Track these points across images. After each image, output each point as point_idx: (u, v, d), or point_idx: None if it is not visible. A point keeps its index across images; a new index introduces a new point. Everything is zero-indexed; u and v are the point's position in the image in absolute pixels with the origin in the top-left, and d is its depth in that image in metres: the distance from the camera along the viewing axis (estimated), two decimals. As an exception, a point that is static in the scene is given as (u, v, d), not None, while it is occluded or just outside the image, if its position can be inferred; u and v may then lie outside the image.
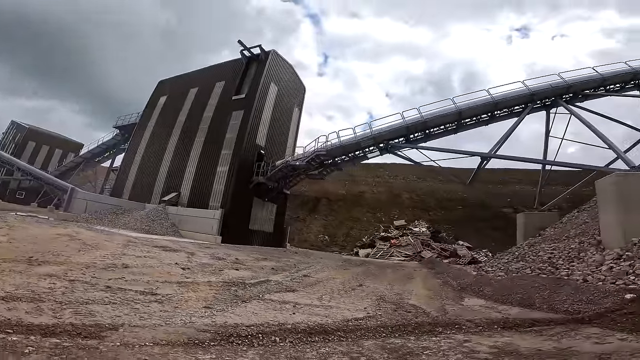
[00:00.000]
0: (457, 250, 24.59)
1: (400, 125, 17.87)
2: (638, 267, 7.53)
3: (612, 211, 10.15)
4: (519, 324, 5.59)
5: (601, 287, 7.18)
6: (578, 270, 8.87)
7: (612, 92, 16.53)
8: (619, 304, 5.91)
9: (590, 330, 5.20)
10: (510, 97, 16.65)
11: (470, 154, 15.81)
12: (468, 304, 7.73)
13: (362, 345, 4.04)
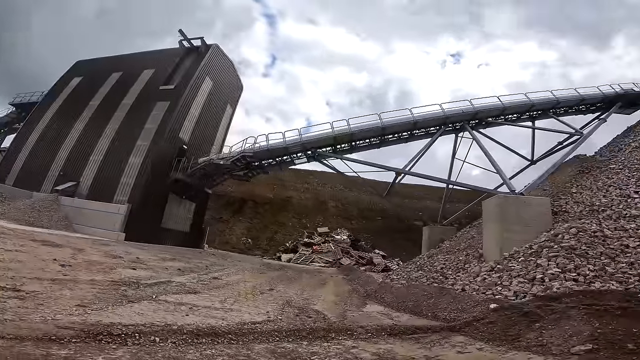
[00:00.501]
0: (373, 259, 25.95)
1: (329, 135, 18.35)
2: (505, 278, 8.71)
3: (492, 228, 11.72)
4: (403, 331, 6.03)
5: (474, 296, 8.12)
6: (460, 280, 9.97)
7: (509, 121, 18.99)
8: (484, 313, 6.53)
9: (458, 338, 5.71)
10: (427, 118, 18.24)
11: (387, 168, 16.93)
12: (368, 311, 8.24)
13: (252, 348, 4.04)
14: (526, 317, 5.84)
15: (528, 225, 10.93)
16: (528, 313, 5.90)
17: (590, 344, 4.31)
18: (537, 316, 5.77)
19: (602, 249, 8.47)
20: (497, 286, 8.53)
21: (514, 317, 5.98)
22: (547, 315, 5.65)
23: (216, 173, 19.48)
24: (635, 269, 7.54)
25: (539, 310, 5.91)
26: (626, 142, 15.43)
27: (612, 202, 11.14)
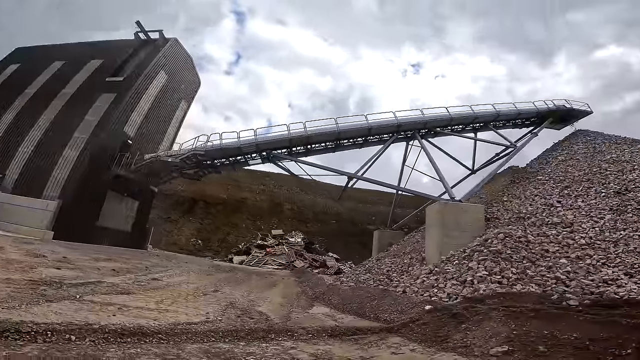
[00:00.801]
0: (326, 261, 26.15)
1: (284, 137, 18.22)
2: (441, 281, 9.23)
3: (433, 233, 12.39)
4: (344, 332, 6.14)
5: (413, 298, 8.49)
6: (402, 282, 10.40)
7: (455, 132, 20.21)
8: (420, 315, 6.83)
9: (395, 339, 5.92)
10: (381, 125, 18.81)
11: (340, 172, 17.22)
12: (314, 312, 8.30)
13: (183, 348, 3.99)
14: (454, 319, 6.19)
15: (464, 231, 11.70)
16: (456, 314, 6.27)
17: (507, 345, 4.64)
18: (464, 317, 6.15)
19: (525, 253, 9.29)
20: (434, 288, 9.01)
21: (444, 319, 6.32)
22: (472, 317, 6.03)
23: (163, 170, 18.45)
24: (553, 272, 8.36)
25: (465, 312, 6.30)
26: (553, 156, 17.16)
27: (537, 210, 12.29)
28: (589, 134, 18.10)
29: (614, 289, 7.51)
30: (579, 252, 9.41)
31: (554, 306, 5.52)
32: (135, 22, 21.69)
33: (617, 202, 11.09)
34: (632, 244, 9.21)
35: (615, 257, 8.84)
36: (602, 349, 4.01)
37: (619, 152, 14.65)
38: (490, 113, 19.34)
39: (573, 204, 12.00)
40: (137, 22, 21.71)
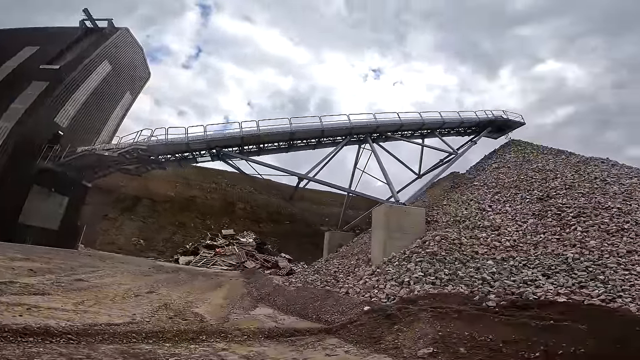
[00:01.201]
0: (278, 262, 25.90)
1: (236, 135, 17.75)
2: (382, 281, 9.53)
3: (378, 234, 12.81)
4: (282, 333, 6.12)
5: (355, 299, 8.66)
6: (347, 283, 10.59)
7: (405, 137, 21.08)
8: (358, 316, 7.00)
9: (332, 340, 6.03)
10: (335, 127, 19.10)
11: (291, 173, 17.20)
12: (255, 313, 8.22)
13: (96, 349, 3.89)
14: (389, 320, 6.41)
15: (407, 233, 12.24)
16: (390, 315, 6.49)
17: (432, 347, 4.88)
18: (397, 318, 6.38)
19: (457, 255, 9.93)
20: (374, 289, 9.28)
21: (379, 320, 6.51)
22: (404, 318, 6.28)
23: (99, 165, 17.01)
24: (480, 273, 8.99)
25: (398, 313, 6.55)
26: (489, 163, 18.60)
27: (471, 214, 13.22)
28: (520, 144, 19.89)
29: (533, 289, 8.22)
30: (504, 253, 10.26)
31: (475, 307, 5.91)
32: (83, 9, 20.34)
33: (539, 208, 12.27)
34: (550, 246, 10.21)
35: (535, 258, 9.72)
36: (514, 352, 4.32)
37: (544, 162, 16.29)
38: (436, 120, 20.46)
39: (502, 208, 13.08)
40: (85, 10, 20.70)
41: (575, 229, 10.57)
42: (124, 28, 22.26)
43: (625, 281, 7.93)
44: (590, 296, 7.58)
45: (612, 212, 11.00)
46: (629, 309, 6.45)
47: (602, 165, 14.95)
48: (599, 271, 8.51)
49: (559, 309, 5.28)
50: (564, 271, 8.86)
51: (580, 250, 9.57)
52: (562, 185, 13.36)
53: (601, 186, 12.90)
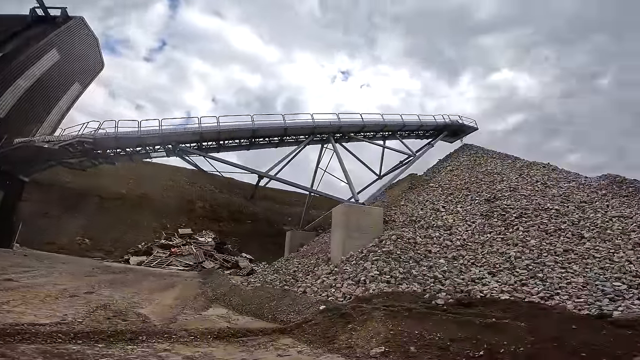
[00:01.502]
0: (239, 262, 25.25)
1: (194, 131, 17.06)
2: (339, 280, 9.60)
3: (337, 233, 12.92)
4: (233, 334, 5.95)
5: (311, 298, 8.64)
6: (305, 283, 10.55)
7: (367, 138, 21.49)
8: (313, 315, 7.02)
9: (286, 340, 5.96)
10: (298, 126, 19.02)
11: (251, 171, 16.86)
12: (208, 314, 8.00)
13: (14, 348, 3.76)
14: (343, 319, 6.43)
15: (365, 232, 12.45)
16: (344, 314, 6.52)
17: (384, 346, 4.94)
18: (351, 317, 6.43)
19: (412, 253, 10.26)
20: (332, 288, 9.32)
21: (334, 319, 6.52)
22: (358, 317, 6.34)
23: (37, 158, 15.49)
24: (433, 272, 9.33)
25: (353, 312, 6.60)
26: (444, 166, 19.51)
27: (426, 214, 13.76)
28: (473, 148, 21.07)
29: (480, 287, 8.69)
30: (454, 252, 10.77)
31: (425, 305, 6.09)
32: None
33: (486, 209, 13.05)
34: (495, 245, 10.87)
35: (482, 257, 10.31)
36: (461, 350, 4.46)
37: (492, 165, 17.38)
38: (397, 123, 21.09)
39: (454, 209, 13.76)
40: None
41: (517, 229, 11.36)
42: (79, 17, 21.19)
43: (562, 279, 8.60)
44: (531, 293, 8.14)
45: (550, 213, 11.97)
46: (565, 306, 6.98)
47: (543, 170, 16.27)
48: (538, 269, 9.18)
49: (501, 307, 5.58)
50: (507, 269, 9.47)
51: (521, 249, 10.28)
52: (507, 187, 14.33)
53: (542, 189, 14.01)
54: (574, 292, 7.96)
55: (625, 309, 6.85)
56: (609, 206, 12.14)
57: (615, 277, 8.37)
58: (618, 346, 3.93)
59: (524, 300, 7.78)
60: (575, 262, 9.29)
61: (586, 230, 10.83)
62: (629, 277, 8.34)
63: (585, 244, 10.14)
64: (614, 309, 6.91)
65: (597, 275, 8.56)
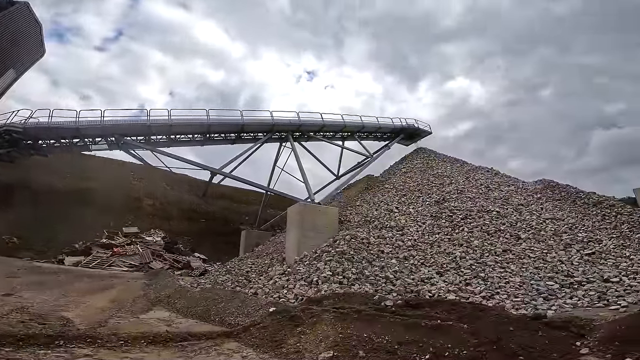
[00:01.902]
0: (191, 262, 24.07)
1: (142, 123, 15.93)
2: (292, 281, 9.42)
3: (292, 233, 12.75)
4: (172, 338, 5.65)
5: (262, 300, 8.35)
6: (257, 284, 10.24)
7: (327, 138, 21.48)
8: (262, 318, 6.78)
9: (231, 345, 5.72)
10: (256, 123, 18.53)
11: (202, 167, 16.13)
12: (147, 317, 7.50)
13: None
14: (292, 321, 6.25)
15: (320, 232, 12.40)
16: (294, 317, 6.35)
17: (332, 350, 4.83)
18: (300, 320, 6.27)
19: (365, 254, 10.37)
20: (284, 289, 9.11)
21: (283, 321, 6.32)
22: (308, 319, 6.20)
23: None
24: (384, 272, 9.47)
25: (302, 314, 6.45)
26: (399, 168, 20.12)
27: (380, 214, 14.04)
28: (426, 152, 21.98)
29: (428, 287, 9.00)
30: (406, 252, 11.08)
31: (374, 307, 6.10)
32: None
33: (436, 210, 13.64)
34: (442, 245, 11.36)
35: (431, 257, 10.71)
36: (408, 354, 4.49)
37: (443, 169, 18.26)
38: (356, 124, 21.37)
39: (406, 210, 14.21)
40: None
41: (462, 229, 11.99)
42: (23, 2, 20.18)
43: (502, 278, 9.18)
44: (474, 293, 8.57)
45: (492, 215, 12.80)
46: (503, 306, 7.39)
47: (487, 174, 17.41)
48: (480, 269, 9.72)
49: (446, 307, 5.73)
50: (453, 269, 9.92)
51: (466, 250, 10.84)
52: (455, 190, 15.12)
53: (485, 192, 14.95)
54: (512, 291, 8.51)
55: (558, 308, 7.46)
56: (543, 209, 13.27)
57: (548, 277, 9.11)
58: (554, 348, 4.14)
59: (467, 300, 8.16)
60: (512, 262, 9.98)
61: (523, 231, 11.71)
62: (561, 276, 9.12)
63: (522, 245, 10.96)
64: (548, 308, 7.48)
65: (532, 275, 9.26)
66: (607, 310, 6.57)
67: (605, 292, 7.97)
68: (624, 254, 9.89)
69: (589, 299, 7.79)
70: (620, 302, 7.23)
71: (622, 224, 11.31)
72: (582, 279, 8.87)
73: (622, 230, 11.08)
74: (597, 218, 12.03)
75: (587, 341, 4.29)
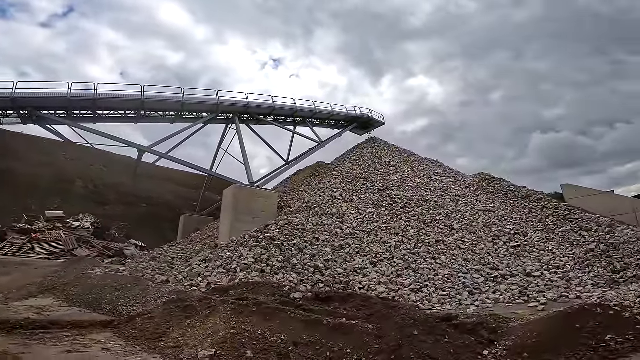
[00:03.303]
0: (124, 250, 22.25)
1: (61, 96, 14.13)
2: (210, 268, 8.62)
3: (226, 217, 11.90)
4: (25, 325, 5.07)
5: (167, 288, 7.45)
6: (175, 270, 9.29)
7: (278, 122, 20.50)
8: (155, 307, 6.07)
9: (100, 336, 5.09)
10: (197, 102, 17.14)
11: (129, 144, 14.60)
12: (21, 304, 6.77)
13: None
14: (184, 312, 5.51)
15: (257, 217, 11.64)
16: (187, 307, 5.60)
17: (216, 348, 4.21)
18: (195, 311, 5.53)
19: (298, 240, 9.77)
20: (199, 277, 8.27)
21: (174, 312, 5.61)
22: (203, 310, 5.48)
23: None
24: (315, 261, 8.89)
25: (198, 304, 5.72)
26: (349, 156, 19.82)
27: (323, 201, 13.57)
28: (377, 141, 21.88)
29: (360, 278, 8.64)
30: (342, 240, 10.68)
31: (280, 299, 5.53)
32: None
33: (377, 198, 13.42)
34: (379, 234, 11.09)
35: (367, 246, 10.39)
36: (302, 357, 4.03)
37: (390, 158, 18.20)
38: (309, 109, 20.64)
39: (350, 197, 13.87)
40: None
41: (401, 218, 11.83)
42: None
43: (432, 270, 9.03)
44: (404, 285, 8.32)
45: (430, 205, 12.80)
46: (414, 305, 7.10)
47: (431, 165, 17.61)
48: (412, 260, 9.52)
49: (356, 303, 5.30)
50: (387, 259, 9.65)
51: (401, 239, 10.65)
52: (399, 179, 15.04)
53: (427, 182, 15.03)
54: (439, 284, 8.37)
55: (480, 303, 7.40)
56: (478, 200, 13.55)
57: (475, 270, 9.12)
58: (457, 358, 3.86)
59: (397, 292, 7.90)
60: (444, 253, 9.92)
61: (457, 222, 11.80)
62: (487, 269, 9.17)
63: (454, 235, 11.00)
64: (472, 302, 7.43)
65: (461, 267, 9.24)
66: (526, 308, 6.64)
67: (527, 287, 8.07)
68: (547, 247, 10.23)
69: (510, 294, 7.83)
70: (540, 297, 7.34)
71: (547, 218, 11.77)
72: (507, 272, 8.98)
73: (547, 223, 11.53)
74: (524, 211, 12.47)
75: (495, 350, 4.03)
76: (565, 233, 10.63)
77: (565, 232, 10.68)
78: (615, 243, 9.29)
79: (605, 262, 8.70)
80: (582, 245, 9.68)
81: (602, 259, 8.86)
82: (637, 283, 7.61)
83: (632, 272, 8.15)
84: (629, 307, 4.69)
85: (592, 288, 7.78)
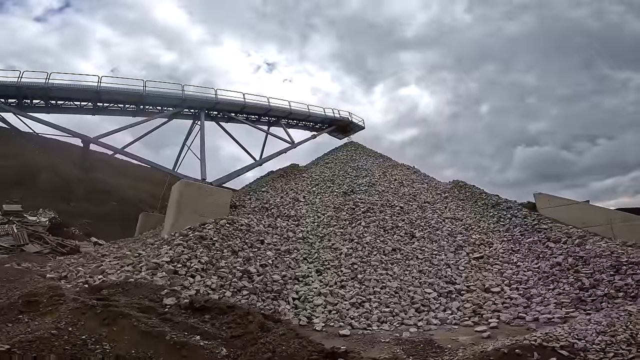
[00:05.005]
0: (80, 247, 21.01)
1: (10, 84, 13.33)
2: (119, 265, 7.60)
3: (170, 213, 10.91)
4: None
5: (41, 282, 6.42)
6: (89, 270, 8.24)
7: (250, 121, 19.54)
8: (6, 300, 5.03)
9: None
10: (160, 95, 16.22)
11: (73, 134, 13.64)
12: None
13: None
14: (26, 307, 4.71)
15: (203, 215, 10.60)
16: (31, 303, 4.74)
17: (18, 345, 3.56)
18: (36, 307, 4.65)
19: (236, 241, 8.79)
20: (101, 274, 7.26)
21: (16, 305, 4.77)
22: (45, 307, 4.56)
23: None
24: (247, 265, 7.82)
25: (46, 301, 4.72)
26: (323, 159, 18.93)
27: (283, 202, 12.61)
28: (354, 145, 21.03)
29: (299, 287, 7.77)
30: (291, 245, 9.71)
31: (147, 304, 4.60)
32: None
33: (340, 201, 12.47)
34: (332, 239, 10.13)
35: (315, 252, 9.43)
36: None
37: (364, 162, 17.31)
38: (283, 109, 19.74)
39: (312, 199, 12.93)
40: None
41: (360, 223, 10.88)
42: None
43: (379, 282, 8.09)
44: (344, 298, 7.46)
45: (395, 210, 11.86)
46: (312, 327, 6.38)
47: (406, 171, 16.71)
48: (361, 269, 8.60)
49: (235, 317, 4.44)
50: (335, 267, 8.73)
51: (354, 246, 9.71)
52: (367, 182, 14.14)
53: (396, 187, 14.11)
54: (384, 299, 7.47)
55: (424, 324, 6.58)
56: (447, 208, 12.65)
57: (428, 283, 8.19)
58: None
59: (335, 305, 7.09)
60: (398, 263, 8.99)
61: (420, 229, 10.88)
62: (442, 282, 8.24)
63: (414, 244, 10.08)
64: (415, 323, 6.61)
65: (413, 281, 8.31)
66: (472, 332, 5.84)
67: (482, 305, 7.18)
68: (512, 259, 9.35)
69: (462, 313, 6.94)
70: (492, 319, 6.50)
71: (515, 227, 10.90)
72: (463, 286, 8.07)
73: (514, 233, 10.65)
74: (493, 220, 11.58)
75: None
76: (532, 244, 9.74)
77: (532, 243, 9.79)
78: (585, 256, 8.41)
79: (573, 278, 7.79)
80: (549, 258, 8.79)
81: (569, 274, 7.95)
82: (608, 305, 6.69)
83: (603, 290, 7.22)
84: (582, 350, 3.86)
85: (553, 308, 6.86)
